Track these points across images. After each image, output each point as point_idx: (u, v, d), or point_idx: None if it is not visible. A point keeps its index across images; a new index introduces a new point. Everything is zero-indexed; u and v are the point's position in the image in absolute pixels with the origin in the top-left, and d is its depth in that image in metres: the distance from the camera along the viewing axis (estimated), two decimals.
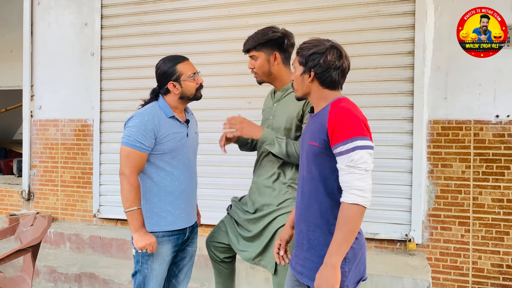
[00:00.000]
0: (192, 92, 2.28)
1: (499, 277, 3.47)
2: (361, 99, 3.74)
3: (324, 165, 1.70)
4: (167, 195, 2.25)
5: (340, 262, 1.61)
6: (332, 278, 1.58)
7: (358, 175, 1.59)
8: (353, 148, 1.60)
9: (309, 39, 1.81)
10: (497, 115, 3.50)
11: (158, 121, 2.19)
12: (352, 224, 1.59)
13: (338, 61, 1.73)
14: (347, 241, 1.60)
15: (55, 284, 3.96)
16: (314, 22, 3.92)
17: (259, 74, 2.36)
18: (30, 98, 5.07)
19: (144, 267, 2.25)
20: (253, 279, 3.35)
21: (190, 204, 2.35)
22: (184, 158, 2.29)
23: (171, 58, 2.28)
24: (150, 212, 2.24)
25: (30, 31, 5.06)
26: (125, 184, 2.13)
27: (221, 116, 4.18)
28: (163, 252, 2.25)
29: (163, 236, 2.24)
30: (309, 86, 1.78)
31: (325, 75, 1.74)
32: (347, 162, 1.60)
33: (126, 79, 4.63)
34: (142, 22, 4.55)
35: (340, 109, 1.66)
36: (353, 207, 1.59)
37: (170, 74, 2.23)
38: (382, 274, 3.15)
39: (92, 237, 4.31)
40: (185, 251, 2.42)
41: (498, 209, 3.48)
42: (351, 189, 1.60)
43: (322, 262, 1.67)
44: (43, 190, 5.03)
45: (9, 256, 2.59)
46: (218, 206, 3.72)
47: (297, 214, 1.85)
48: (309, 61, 1.74)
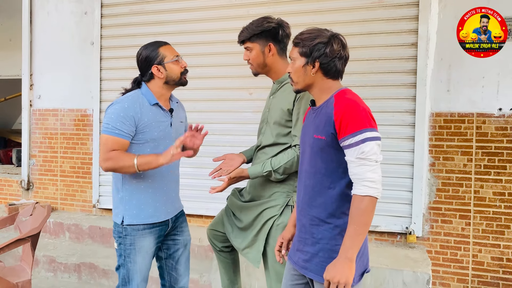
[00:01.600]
0: (178, 75, 2.20)
1: (499, 271, 3.48)
2: (363, 91, 3.72)
3: (331, 158, 1.67)
4: (147, 187, 2.18)
5: (356, 255, 1.58)
6: (348, 272, 1.55)
7: (369, 167, 1.57)
8: (362, 140, 1.57)
9: (307, 29, 1.77)
10: (500, 108, 3.47)
11: (139, 108, 2.12)
12: (365, 217, 1.57)
13: (342, 51, 1.71)
14: (362, 234, 1.58)
15: (55, 273, 3.96)
16: (316, 12, 3.88)
17: (254, 65, 2.32)
18: (29, 87, 5.04)
19: (127, 260, 2.19)
20: (253, 270, 3.35)
21: (172, 196, 2.30)
22: (166, 147, 2.15)
23: (152, 43, 2.23)
24: (129, 204, 2.18)
25: (29, 20, 5.01)
26: (109, 165, 2.07)
27: (222, 107, 4.20)
28: (145, 245, 2.20)
29: (144, 229, 2.18)
30: (312, 78, 1.74)
31: (330, 65, 1.70)
32: (358, 154, 1.58)
33: (126, 68, 4.58)
34: (142, 11, 4.50)
35: (346, 101, 1.64)
36: (365, 199, 1.57)
37: (153, 58, 2.16)
38: (382, 267, 3.15)
39: (91, 227, 4.31)
40: (176, 241, 2.36)
41: (499, 202, 3.47)
42: (363, 181, 1.57)
43: (327, 256, 1.66)
44: (43, 180, 5.02)
45: (9, 245, 2.57)
46: (218, 197, 3.70)
47: (299, 209, 1.82)
48: (314, 51, 1.69)
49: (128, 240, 2.18)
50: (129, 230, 2.17)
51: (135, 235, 2.17)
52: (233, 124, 4.17)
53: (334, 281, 1.55)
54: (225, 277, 2.69)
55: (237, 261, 2.72)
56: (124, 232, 2.18)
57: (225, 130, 4.16)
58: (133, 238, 2.17)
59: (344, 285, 1.55)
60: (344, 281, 1.55)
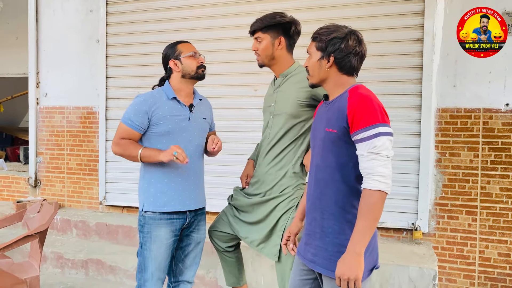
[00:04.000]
0: (193, 69, 2.32)
1: (505, 267, 3.46)
2: (369, 87, 3.61)
3: (342, 152, 1.68)
4: (163, 176, 2.29)
5: (364, 250, 1.58)
6: (357, 266, 1.56)
7: (381, 162, 1.58)
8: (375, 135, 1.58)
9: (326, 25, 1.79)
10: (507, 103, 3.44)
11: (155, 102, 2.26)
12: (375, 211, 1.57)
13: (358, 47, 1.73)
14: (371, 228, 1.58)
15: (62, 270, 3.99)
16: (322, 8, 3.86)
17: (261, 56, 2.36)
18: (36, 85, 5.07)
19: (143, 248, 2.30)
20: (258, 266, 3.36)
21: (190, 188, 2.35)
22: (183, 141, 2.30)
23: (173, 42, 2.40)
24: (147, 192, 2.31)
25: (35, 18, 5.04)
26: (117, 150, 2.27)
27: (227, 104, 4.20)
28: (160, 235, 2.28)
29: (161, 219, 2.29)
30: (327, 72, 1.76)
31: (344, 60, 1.72)
32: (370, 149, 1.59)
33: (132, 66, 4.60)
34: (147, 8, 4.50)
35: (360, 96, 1.65)
36: (375, 193, 1.57)
37: (171, 54, 2.34)
38: (388, 263, 3.14)
39: (98, 224, 4.33)
40: (190, 237, 2.43)
41: (506, 198, 3.45)
42: (374, 176, 1.58)
43: (336, 250, 1.67)
44: (50, 177, 5.05)
45: (17, 242, 2.60)
46: (223, 194, 3.71)
47: (309, 203, 1.82)
48: (329, 46, 1.72)
49: (146, 228, 2.30)
50: (147, 219, 2.30)
51: (151, 223, 2.28)
52: (238, 120, 4.18)
53: (344, 277, 1.56)
54: (230, 276, 2.69)
55: (240, 259, 2.73)
56: (143, 221, 2.31)
57: (230, 126, 4.16)
58: (150, 226, 2.29)
59: (355, 280, 1.55)
60: (354, 277, 1.55)
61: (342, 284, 1.57)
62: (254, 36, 2.35)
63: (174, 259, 2.45)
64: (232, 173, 4.16)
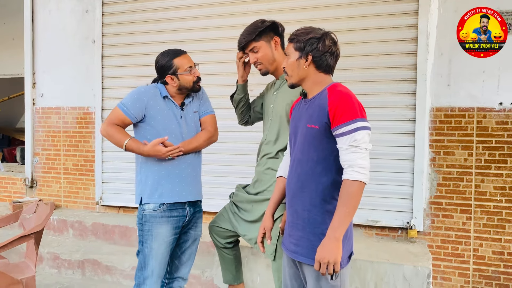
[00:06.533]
0: (190, 85, 2.37)
1: (500, 265, 3.48)
2: (364, 86, 3.73)
3: (323, 146, 1.77)
4: (160, 169, 2.33)
5: (343, 236, 1.68)
6: (336, 251, 1.65)
7: (360, 154, 1.68)
8: (355, 129, 1.68)
9: (302, 27, 1.89)
10: (501, 103, 3.47)
11: (152, 96, 2.31)
12: (354, 200, 1.67)
13: (333, 46, 1.83)
14: (350, 216, 1.68)
15: (59, 270, 4.00)
16: (315, 8, 3.87)
17: (264, 63, 2.38)
18: (32, 86, 5.07)
19: (144, 246, 2.32)
20: (254, 265, 3.37)
21: (187, 180, 2.39)
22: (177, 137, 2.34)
23: (169, 52, 2.37)
24: (145, 185, 2.35)
25: (31, 19, 5.03)
26: (106, 133, 2.32)
27: (222, 104, 4.20)
28: (162, 233, 2.31)
29: (162, 216, 2.31)
30: (305, 71, 1.84)
31: (322, 59, 1.81)
32: (350, 142, 1.68)
33: (127, 66, 4.61)
34: (143, 9, 4.51)
35: (340, 93, 1.75)
36: (355, 183, 1.67)
37: (168, 68, 2.33)
38: (383, 261, 3.16)
39: (94, 224, 4.34)
40: (187, 233, 2.47)
41: (500, 196, 3.47)
42: (354, 167, 1.67)
43: (318, 239, 1.74)
44: (46, 177, 5.05)
45: (13, 242, 2.60)
46: (221, 194, 3.73)
47: (289, 196, 1.90)
48: (307, 46, 1.81)
49: (147, 226, 2.32)
50: (148, 217, 2.32)
51: (153, 221, 2.31)
52: (234, 120, 4.15)
53: (324, 261, 1.65)
54: (227, 273, 2.71)
55: (239, 257, 2.74)
56: (143, 219, 2.33)
57: (226, 126, 4.15)
58: (151, 224, 2.31)
59: (334, 263, 1.64)
60: (333, 260, 1.64)
61: (322, 268, 1.66)
62: (249, 49, 2.37)
63: (171, 257, 2.47)
64: (229, 172, 4.19)
